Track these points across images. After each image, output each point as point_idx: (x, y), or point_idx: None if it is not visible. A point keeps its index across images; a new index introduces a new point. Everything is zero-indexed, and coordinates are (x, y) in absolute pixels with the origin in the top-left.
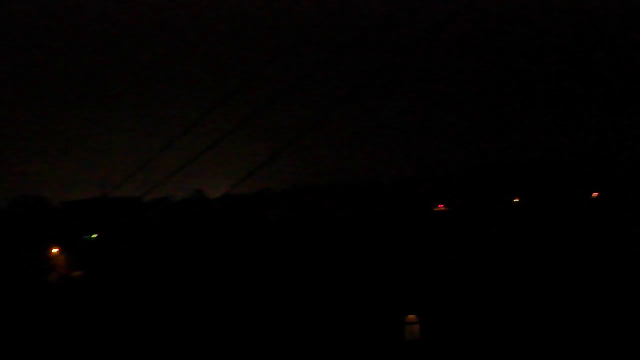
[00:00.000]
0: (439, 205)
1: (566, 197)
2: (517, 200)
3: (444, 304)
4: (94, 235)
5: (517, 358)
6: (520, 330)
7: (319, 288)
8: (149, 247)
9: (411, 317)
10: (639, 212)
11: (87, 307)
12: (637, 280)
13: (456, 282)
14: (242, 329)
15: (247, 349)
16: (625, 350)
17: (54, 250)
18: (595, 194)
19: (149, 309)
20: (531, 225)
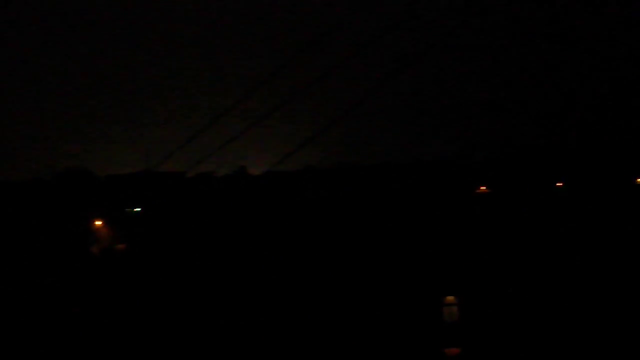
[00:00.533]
0: (480, 187)
1: (610, 183)
2: (561, 184)
3: (483, 286)
4: (137, 209)
5: (557, 342)
6: (561, 313)
7: (357, 268)
8: (192, 222)
9: (450, 298)
10: None
11: (128, 279)
12: None
13: (496, 264)
14: (282, 305)
15: (287, 324)
16: None
17: (98, 223)
18: None
19: (189, 284)
20: (573, 210)
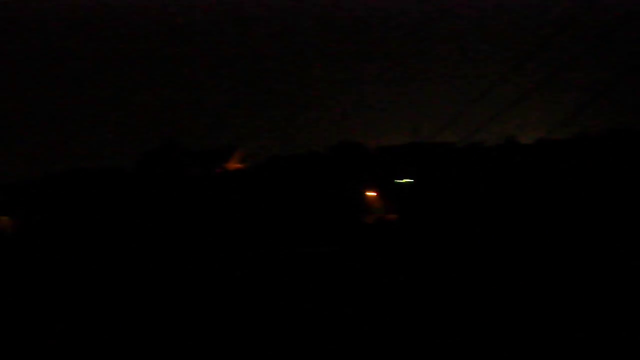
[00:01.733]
0: None
1: None
2: None
3: None
4: (409, 180)
5: None
6: None
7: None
8: (458, 193)
9: None
10: None
11: (400, 248)
12: None
13: None
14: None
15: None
16: None
17: (371, 194)
18: None
19: (457, 254)
20: None
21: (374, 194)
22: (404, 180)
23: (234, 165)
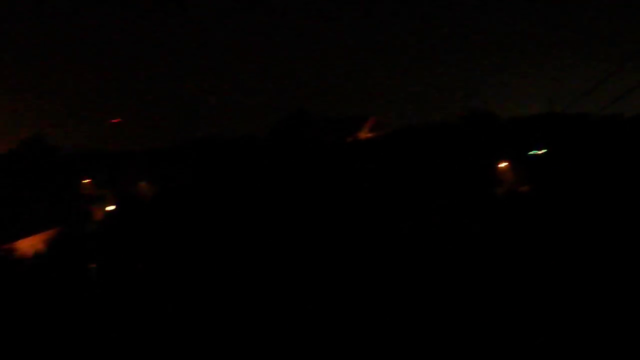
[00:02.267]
0: None
1: None
2: None
3: None
4: (542, 151)
5: None
6: None
7: None
8: (594, 165)
9: None
10: None
11: (532, 221)
12: None
13: None
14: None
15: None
16: None
17: (502, 165)
18: None
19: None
20: None
21: (505, 164)
22: (538, 152)
23: (365, 134)
